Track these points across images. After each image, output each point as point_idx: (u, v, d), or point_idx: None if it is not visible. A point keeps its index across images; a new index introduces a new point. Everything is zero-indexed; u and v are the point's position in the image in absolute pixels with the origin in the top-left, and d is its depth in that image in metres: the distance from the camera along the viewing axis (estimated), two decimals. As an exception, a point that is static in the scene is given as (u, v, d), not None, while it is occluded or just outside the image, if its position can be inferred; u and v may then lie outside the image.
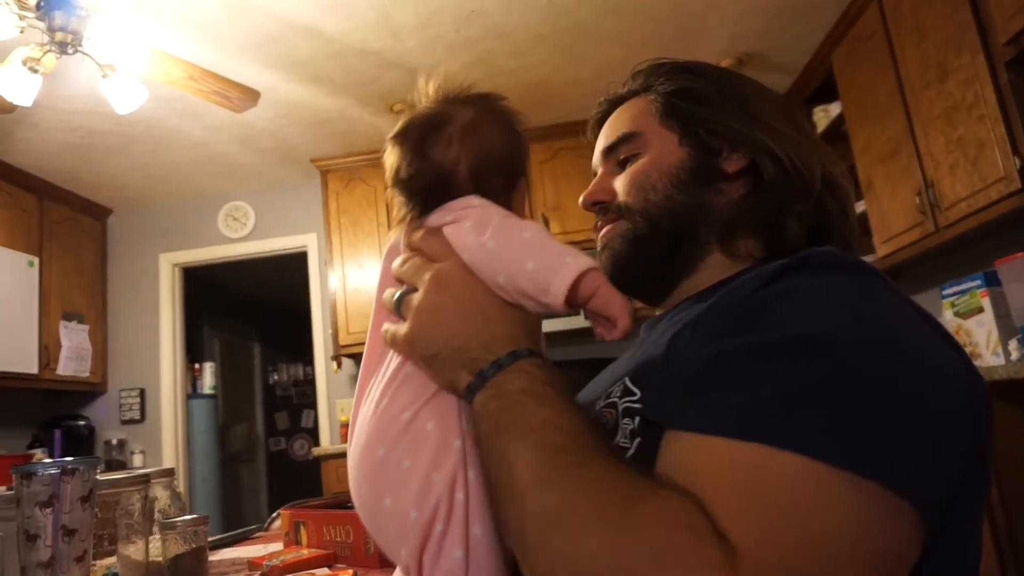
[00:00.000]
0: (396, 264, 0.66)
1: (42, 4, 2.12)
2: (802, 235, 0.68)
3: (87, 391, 4.34)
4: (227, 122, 3.52)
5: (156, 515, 1.15)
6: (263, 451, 6.74)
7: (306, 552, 1.14)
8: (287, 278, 5.20)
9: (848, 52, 3.14)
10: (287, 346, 7.03)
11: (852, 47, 3.09)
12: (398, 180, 0.67)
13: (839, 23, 3.15)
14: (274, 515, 1.61)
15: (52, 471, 0.83)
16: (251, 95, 2.77)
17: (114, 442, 4.32)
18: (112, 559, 1.02)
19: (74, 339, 4.09)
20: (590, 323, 0.60)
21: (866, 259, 2.80)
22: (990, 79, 2.24)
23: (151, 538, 1.06)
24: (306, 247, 4.47)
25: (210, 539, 1.16)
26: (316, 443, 5.13)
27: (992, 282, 2.28)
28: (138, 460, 4.29)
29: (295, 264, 4.63)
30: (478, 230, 0.60)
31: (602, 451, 0.49)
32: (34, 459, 2.91)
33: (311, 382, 5.84)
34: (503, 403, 0.53)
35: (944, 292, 2.51)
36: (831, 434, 0.43)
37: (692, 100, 0.73)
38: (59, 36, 2.17)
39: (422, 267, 0.62)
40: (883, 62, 2.83)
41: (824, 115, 3.58)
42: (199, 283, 5.09)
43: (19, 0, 2.12)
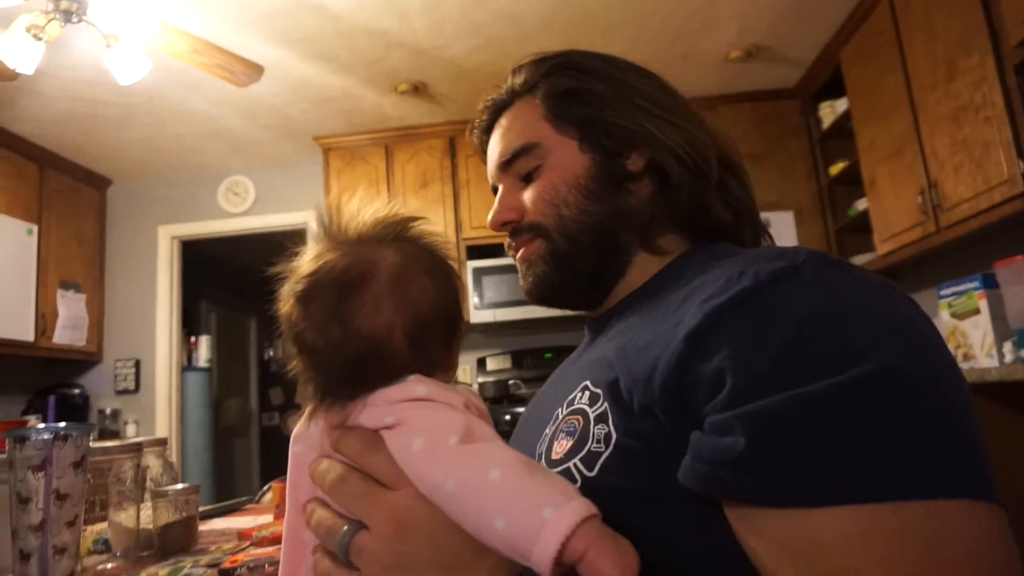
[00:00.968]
0: (320, 470, 0.53)
1: (47, -31, 2.10)
2: (722, 218, 0.68)
3: (82, 360, 4.35)
4: (231, 96, 3.50)
5: (148, 483, 1.16)
6: (256, 426, 6.76)
7: (296, 526, 1.15)
8: (285, 254, 5.18)
9: (857, 48, 3.12)
10: (284, 323, 7.01)
11: (861, 44, 3.08)
12: (310, 353, 0.53)
13: (849, 19, 3.13)
14: (265, 488, 1.62)
15: (45, 436, 0.84)
16: (255, 70, 2.75)
17: (108, 412, 4.33)
18: (103, 525, 1.03)
19: (71, 308, 4.09)
20: None
21: (866, 257, 2.80)
22: (998, 81, 2.23)
23: (142, 506, 1.07)
24: (305, 224, 4.46)
25: (201, 509, 1.17)
26: (310, 421, 5.14)
27: (990, 284, 2.29)
28: (132, 430, 4.31)
29: (294, 241, 4.61)
30: (430, 457, 0.47)
31: None
32: (28, 425, 2.93)
33: (307, 360, 5.83)
34: None
35: (942, 293, 2.51)
36: (945, 467, 0.42)
37: (582, 102, 0.70)
38: (64, 4, 2.16)
39: (369, 496, 0.49)
40: (892, 60, 2.82)
41: (830, 111, 3.57)
42: (197, 257, 5.08)
43: (24, -36, 2.10)
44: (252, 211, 4.51)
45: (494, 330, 4.07)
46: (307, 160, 4.40)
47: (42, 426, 0.86)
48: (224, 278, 6.12)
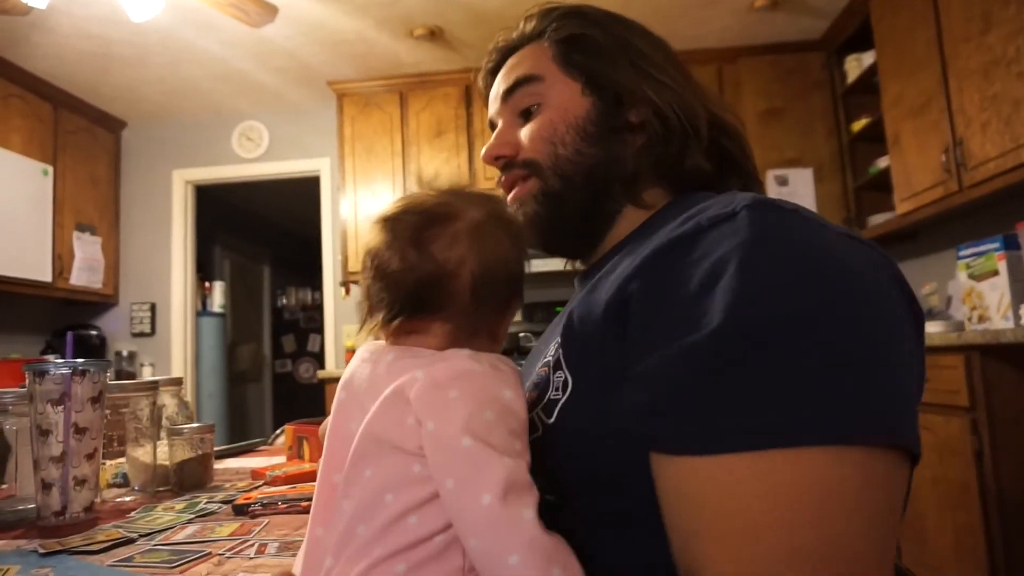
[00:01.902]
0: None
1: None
2: (706, 175, 0.69)
3: (99, 302, 4.40)
4: (244, 37, 3.45)
5: (164, 422, 1.18)
6: (269, 372, 6.86)
7: (308, 466, 1.18)
8: (299, 202, 5.18)
9: (888, -1, 3.01)
10: (297, 270, 7.07)
11: (893, -7, 2.97)
12: (382, 271, 0.57)
13: (881, -33, 3.02)
14: (278, 431, 1.65)
15: (64, 370, 0.85)
16: (269, 9, 2.70)
17: (124, 353, 4.41)
18: (122, 460, 1.05)
19: (87, 250, 4.12)
20: None
21: (884, 217, 2.75)
22: (1034, 34, 2.15)
23: (159, 443, 1.09)
24: (319, 171, 4.44)
25: (215, 449, 1.19)
26: (321, 367, 5.22)
27: (1011, 245, 2.25)
28: (148, 372, 4.39)
29: (307, 188, 4.61)
30: (440, 442, 0.49)
31: None
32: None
33: (319, 307, 5.90)
34: None
35: (960, 253, 2.48)
36: (810, 415, 0.42)
37: (589, 51, 0.71)
38: (74, -64, 2.11)
39: None
40: (924, 10, 2.72)
41: (856, 64, 3.47)
42: (212, 202, 5.08)
43: None
44: (266, 157, 4.48)
45: (506, 282, 4.06)
46: (321, 106, 4.35)
47: (60, 361, 0.87)
48: (238, 224, 6.14)
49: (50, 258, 3.82)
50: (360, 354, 0.60)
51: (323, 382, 3.84)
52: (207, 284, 5.19)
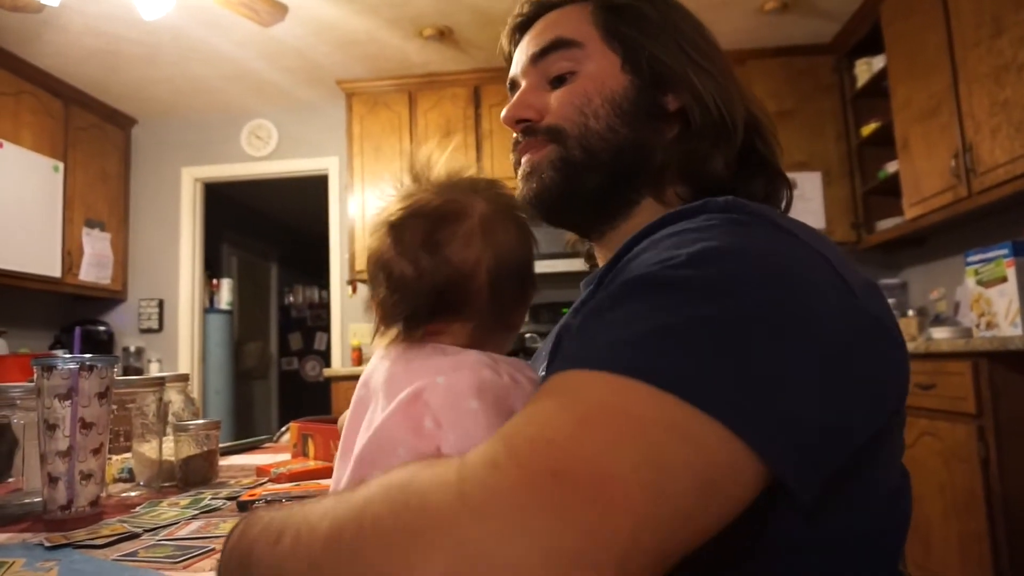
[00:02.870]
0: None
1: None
2: (729, 178, 0.64)
3: (107, 298, 4.43)
4: (254, 37, 3.46)
5: (170, 418, 1.19)
6: (275, 370, 6.88)
7: (312, 463, 1.18)
8: (307, 200, 5.19)
9: (899, 1, 3.00)
10: (304, 268, 7.09)
11: (903, -3, 2.96)
12: (396, 281, 0.55)
13: (893, -29, 3.01)
14: (284, 428, 1.65)
15: (71, 366, 0.85)
16: (279, 9, 2.71)
17: (132, 349, 4.43)
18: (127, 455, 1.06)
19: (96, 246, 4.15)
20: None
21: (893, 222, 2.73)
22: (1045, 40, 2.14)
23: (164, 439, 1.09)
24: (327, 170, 4.45)
25: (220, 445, 1.19)
26: (328, 365, 5.23)
27: (1020, 252, 2.24)
28: (155, 368, 4.41)
29: (315, 187, 4.62)
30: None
31: None
32: (55, 359, 3.00)
33: (326, 305, 5.91)
34: None
35: (968, 259, 2.47)
36: (663, 365, 0.39)
37: (635, 25, 0.66)
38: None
39: None
40: (934, 14, 2.71)
41: (867, 68, 3.46)
42: (220, 200, 5.10)
43: None
44: (275, 155, 4.50)
45: (512, 282, 4.06)
46: (330, 105, 4.36)
47: (68, 356, 0.87)
48: (246, 222, 6.16)
49: (60, 253, 3.84)
50: (380, 351, 0.60)
51: (329, 380, 3.84)
52: (215, 281, 5.22)
